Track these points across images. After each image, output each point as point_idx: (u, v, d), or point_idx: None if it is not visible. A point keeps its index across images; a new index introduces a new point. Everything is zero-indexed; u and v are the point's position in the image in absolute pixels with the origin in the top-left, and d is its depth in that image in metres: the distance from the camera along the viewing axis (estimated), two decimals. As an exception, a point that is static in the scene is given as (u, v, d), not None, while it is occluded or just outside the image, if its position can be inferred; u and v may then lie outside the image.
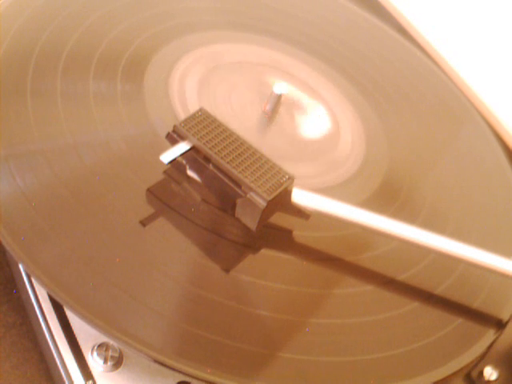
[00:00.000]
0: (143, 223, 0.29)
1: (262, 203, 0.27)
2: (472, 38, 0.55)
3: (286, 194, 0.29)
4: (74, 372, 0.25)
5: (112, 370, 0.26)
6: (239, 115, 0.36)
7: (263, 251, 0.30)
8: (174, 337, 0.25)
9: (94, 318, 0.24)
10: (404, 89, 0.45)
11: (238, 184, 0.28)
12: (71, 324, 0.26)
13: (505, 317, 0.31)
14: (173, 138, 0.29)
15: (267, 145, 0.35)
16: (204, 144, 0.29)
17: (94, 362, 0.25)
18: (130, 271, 0.27)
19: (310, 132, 0.38)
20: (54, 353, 0.26)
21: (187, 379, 0.26)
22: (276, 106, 0.37)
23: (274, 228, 0.31)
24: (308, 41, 0.45)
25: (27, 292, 0.27)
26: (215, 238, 0.29)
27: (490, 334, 0.30)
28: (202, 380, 0.24)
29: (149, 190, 0.30)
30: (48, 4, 0.37)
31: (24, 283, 0.28)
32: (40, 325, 0.27)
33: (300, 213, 0.30)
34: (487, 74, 0.52)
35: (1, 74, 0.32)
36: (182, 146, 0.29)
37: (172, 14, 0.41)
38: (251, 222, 0.29)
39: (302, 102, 0.40)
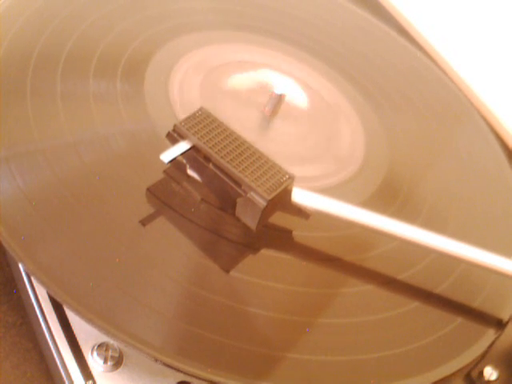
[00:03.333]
0: (143, 223, 0.29)
1: (262, 202, 0.27)
2: (472, 37, 0.55)
3: (286, 193, 0.29)
4: (74, 372, 0.25)
5: (112, 370, 0.25)
6: (239, 115, 0.36)
7: (263, 251, 0.30)
8: (174, 336, 0.25)
9: (94, 317, 0.24)
10: (404, 89, 0.45)
11: (238, 183, 0.28)
12: (71, 324, 0.26)
13: (505, 317, 0.31)
14: (173, 137, 0.29)
15: (267, 145, 0.35)
16: (204, 143, 0.29)
17: (94, 362, 0.25)
18: (129, 271, 0.27)
19: (309, 132, 0.38)
20: (54, 353, 0.26)
21: (187, 379, 0.26)
22: (276, 106, 0.37)
23: (274, 228, 0.31)
24: (308, 41, 0.45)
25: (27, 292, 0.27)
26: (215, 237, 0.29)
27: (489, 334, 0.30)
28: (202, 380, 0.24)
29: (149, 190, 0.30)
30: (48, 4, 0.37)
31: (24, 283, 0.28)
32: (40, 325, 0.27)
33: (300, 212, 0.30)
34: (487, 74, 0.52)
35: (1, 74, 0.31)
36: (183, 146, 0.29)
37: (172, 14, 0.41)
38: (251, 222, 0.29)
39: (302, 102, 0.40)
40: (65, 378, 0.25)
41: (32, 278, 0.27)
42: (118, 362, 0.26)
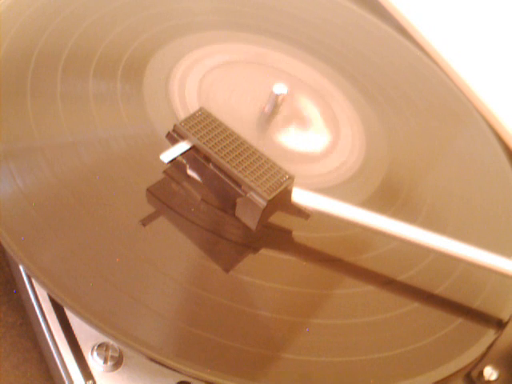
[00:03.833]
0: (143, 223, 0.29)
1: (262, 203, 0.27)
2: (472, 37, 0.55)
3: (286, 193, 0.29)
4: (74, 372, 0.25)
5: (112, 370, 0.26)
6: (239, 115, 0.36)
7: (263, 251, 0.30)
8: (174, 337, 0.25)
9: (94, 318, 0.24)
10: (404, 89, 0.45)
11: (238, 183, 0.28)
12: (71, 324, 0.26)
13: (505, 317, 0.31)
14: (173, 137, 0.29)
15: (267, 145, 0.35)
16: (204, 143, 0.29)
17: (94, 362, 0.25)
18: (129, 271, 0.27)
19: (310, 132, 0.38)
20: (53, 353, 0.26)
21: (187, 379, 0.26)
22: (276, 106, 0.37)
23: (274, 228, 0.31)
24: (308, 41, 0.45)
25: (27, 292, 0.27)
26: (215, 237, 0.29)
27: (489, 334, 0.30)
28: (201, 380, 0.24)
29: (149, 190, 0.30)
30: (48, 4, 0.37)
31: (24, 283, 0.28)
32: (40, 325, 0.27)
33: (300, 212, 0.30)
34: (487, 73, 0.52)
35: (1, 74, 0.31)
36: (182, 146, 0.29)
37: (172, 14, 0.41)
38: (251, 222, 0.29)
39: (302, 102, 0.40)
40: (65, 378, 0.25)
41: (32, 278, 0.27)
42: (118, 362, 0.26)
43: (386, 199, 0.36)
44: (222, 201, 0.30)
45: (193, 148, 0.29)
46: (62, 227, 0.27)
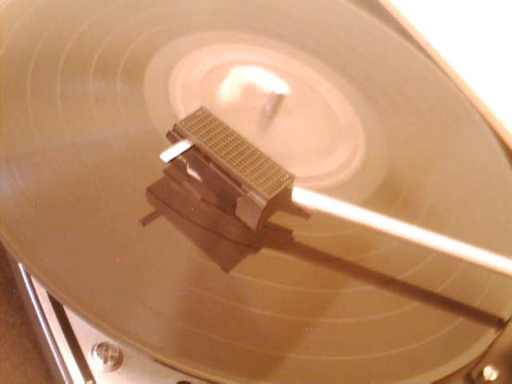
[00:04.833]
0: (143, 223, 0.29)
1: (263, 202, 0.27)
2: (472, 38, 0.55)
3: (287, 193, 0.29)
4: (74, 372, 0.25)
5: (112, 370, 0.25)
6: (239, 115, 0.36)
7: (263, 251, 0.30)
8: (174, 336, 0.25)
9: (93, 317, 0.24)
10: (404, 89, 0.45)
11: (238, 183, 0.28)
12: (71, 324, 0.26)
13: (505, 316, 0.31)
14: (173, 136, 0.29)
15: (267, 144, 0.35)
16: (204, 143, 0.29)
17: (94, 362, 0.25)
18: (129, 271, 0.27)
19: (310, 132, 0.38)
20: (54, 353, 0.26)
21: (187, 379, 0.26)
22: (276, 106, 0.37)
23: (275, 228, 0.31)
24: (308, 41, 0.45)
25: (27, 292, 0.27)
26: (215, 237, 0.29)
27: (490, 334, 0.30)
28: (201, 379, 0.24)
29: (149, 189, 0.30)
30: (48, 4, 0.37)
31: (24, 283, 0.28)
32: (40, 325, 0.26)
33: (300, 212, 0.30)
34: (487, 74, 0.52)
35: (1, 75, 0.31)
36: (183, 145, 0.29)
37: (172, 14, 0.41)
38: (251, 221, 0.29)
39: (302, 102, 0.40)
40: (65, 378, 0.25)
41: (32, 278, 0.27)
42: (118, 362, 0.26)
43: (386, 199, 0.36)
44: (222, 200, 0.30)
45: (193, 147, 0.29)
46: (62, 227, 0.27)
